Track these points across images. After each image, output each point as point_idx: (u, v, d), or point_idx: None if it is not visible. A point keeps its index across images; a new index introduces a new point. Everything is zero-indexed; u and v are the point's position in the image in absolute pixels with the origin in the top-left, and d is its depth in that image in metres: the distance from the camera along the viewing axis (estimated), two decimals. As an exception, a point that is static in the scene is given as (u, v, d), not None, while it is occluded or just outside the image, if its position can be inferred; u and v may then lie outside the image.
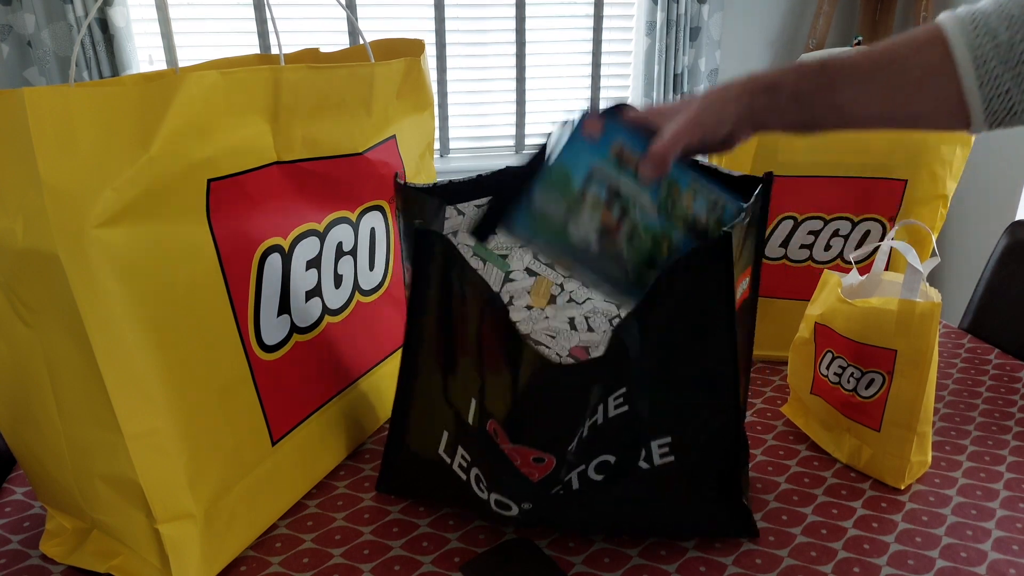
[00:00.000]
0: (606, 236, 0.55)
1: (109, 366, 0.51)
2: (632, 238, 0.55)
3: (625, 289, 0.56)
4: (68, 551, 0.60)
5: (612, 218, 0.55)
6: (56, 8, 2.01)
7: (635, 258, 0.55)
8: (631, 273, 0.55)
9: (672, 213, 0.56)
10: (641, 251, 0.55)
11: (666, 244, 0.55)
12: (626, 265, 0.55)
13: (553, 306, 0.74)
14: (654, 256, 0.55)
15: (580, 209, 0.55)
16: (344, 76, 0.66)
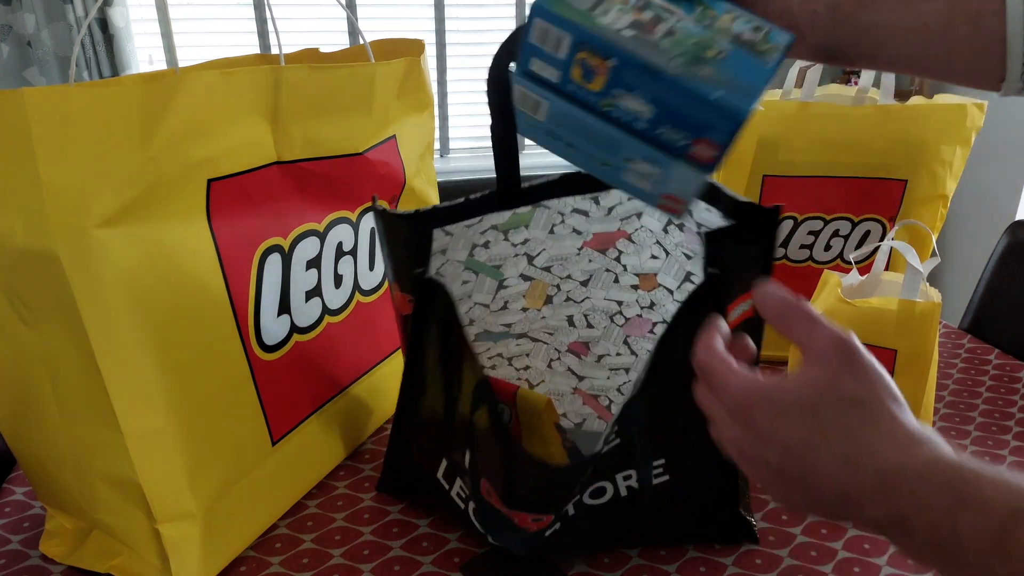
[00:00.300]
0: (640, 29, 0.46)
1: (109, 366, 0.51)
2: (670, 35, 0.47)
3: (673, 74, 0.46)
4: (68, 551, 0.60)
5: (645, 16, 0.47)
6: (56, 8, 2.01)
7: (678, 50, 0.47)
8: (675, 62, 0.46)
9: (712, 27, 0.49)
10: (684, 47, 0.47)
11: (712, 50, 0.47)
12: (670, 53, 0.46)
13: (550, 306, 0.73)
14: (699, 56, 0.47)
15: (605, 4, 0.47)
16: (344, 76, 0.66)
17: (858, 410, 0.36)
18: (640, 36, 0.46)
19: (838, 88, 0.97)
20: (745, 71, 0.46)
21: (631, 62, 0.45)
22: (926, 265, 0.75)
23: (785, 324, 0.39)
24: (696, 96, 0.45)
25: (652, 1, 0.48)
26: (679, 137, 0.46)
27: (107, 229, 0.49)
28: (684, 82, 0.45)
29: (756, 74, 0.46)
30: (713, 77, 0.45)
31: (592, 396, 0.74)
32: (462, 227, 0.65)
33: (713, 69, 0.46)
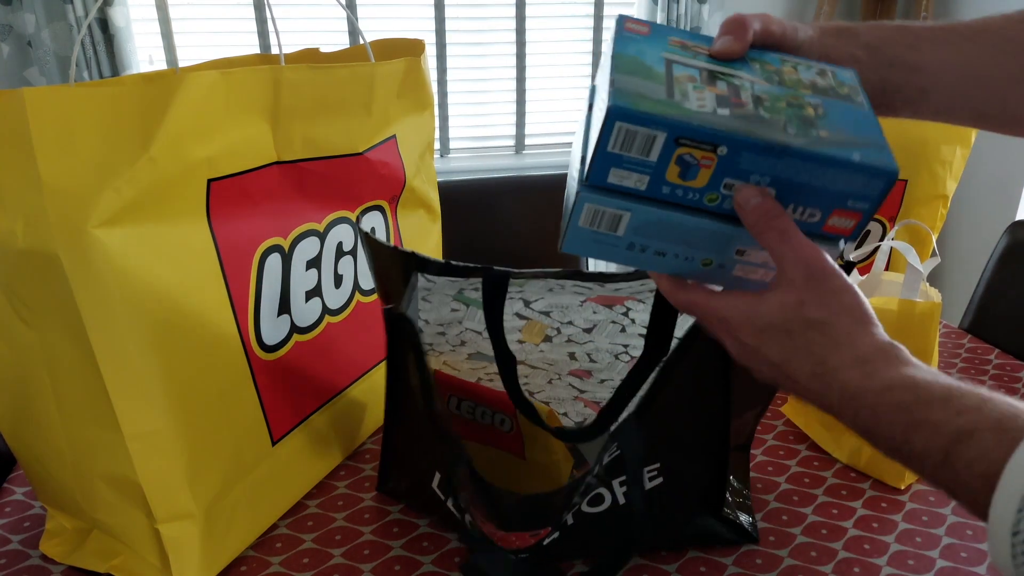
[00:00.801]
0: (728, 104, 0.40)
1: (109, 366, 0.51)
2: (760, 103, 0.41)
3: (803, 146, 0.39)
4: (68, 551, 0.60)
5: (722, 89, 0.41)
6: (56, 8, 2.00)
7: (781, 118, 0.40)
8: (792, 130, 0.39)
9: (782, 83, 0.43)
10: (781, 111, 0.40)
11: (808, 108, 0.41)
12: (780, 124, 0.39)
13: (548, 343, 0.68)
14: (805, 118, 0.40)
15: (678, 87, 0.40)
16: (344, 76, 0.66)
17: (821, 333, 0.38)
18: (737, 112, 0.39)
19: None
20: (853, 122, 0.41)
21: (747, 145, 0.38)
22: (926, 265, 0.75)
23: (760, 234, 0.40)
24: (833, 164, 0.38)
25: (715, 70, 0.43)
26: (811, 213, 0.40)
27: (107, 229, 0.49)
28: (814, 153, 0.38)
29: (866, 122, 0.41)
30: (836, 138, 0.39)
31: (594, 403, 0.74)
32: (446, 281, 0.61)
33: (826, 130, 0.40)
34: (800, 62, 0.45)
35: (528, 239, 1.33)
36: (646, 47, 0.43)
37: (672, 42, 0.45)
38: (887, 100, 0.48)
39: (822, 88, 0.43)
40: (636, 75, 0.40)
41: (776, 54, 0.46)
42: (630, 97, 0.38)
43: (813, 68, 0.45)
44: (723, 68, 0.43)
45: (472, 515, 0.57)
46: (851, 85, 0.44)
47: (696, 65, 0.43)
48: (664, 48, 0.44)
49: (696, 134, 0.38)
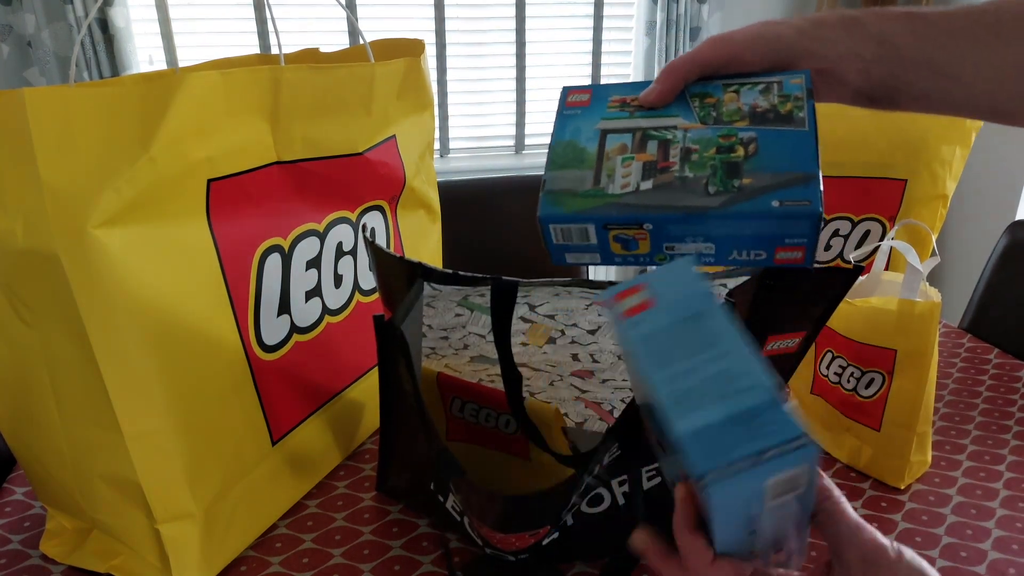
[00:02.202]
0: (654, 171, 0.42)
1: (109, 366, 0.51)
2: (688, 158, 0.42)
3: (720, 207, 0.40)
4: (68, 551, 0.60)
5: (651, 152, 0.43)
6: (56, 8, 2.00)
7: (704, 174, 0.41)
8: (714, 186, 0.41)
9: (720, 118, 0.44)
10: (708, 164, 0.42)
11: (739, 149, 0.42)
12: (701, 183, 0.41)
13: (552, 345, 0.69)
14: (731, 165, 0.41)
15: (606, 165, 0.43)
16: (344, 76, 0.66)
17: None
18: (660, 180, 0.41)
19: (838, 88, 0.97)
20: (785, 152, 0.41)
21: (665, 220, 0.40)
22: (926, 265, 0.75)
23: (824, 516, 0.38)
24: (752, 216, 0.39)
25: (648, 129, 0.44)
26: (756, 254, 0.41)
27: (107, 229, 0.49)
28: (732, 211, 0.39)
29: (800, 148, 0.41)
30: (758, 183, 0.40)
31: (595, 403, 0.74)
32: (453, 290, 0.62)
33: (752, 175, 0.40)
34: (746, 82, 0.45)
35: (528, 239, 1.33)
36: (583, 122, 0.46)
37: (612, 104, 0.47)
38: (890, 95, 0.44)
39: (761, 112, 0.43)
40: (567, 167, 0.43)
41: (721, 80, 0.46)
42: (558, 198, 0.42)
43: (759, 86, 0.45)
44: (659, 121, 0.45)
45: (469, 518, 0.58)
46: (796, 95, 0.43)
47: (630, 127, 0.45)
48: (602, 115, 0.46)
49: (618, 221, 0.41)
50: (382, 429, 0.67)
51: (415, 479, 0.64)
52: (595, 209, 0.41)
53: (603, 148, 0.44)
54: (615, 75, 2.63)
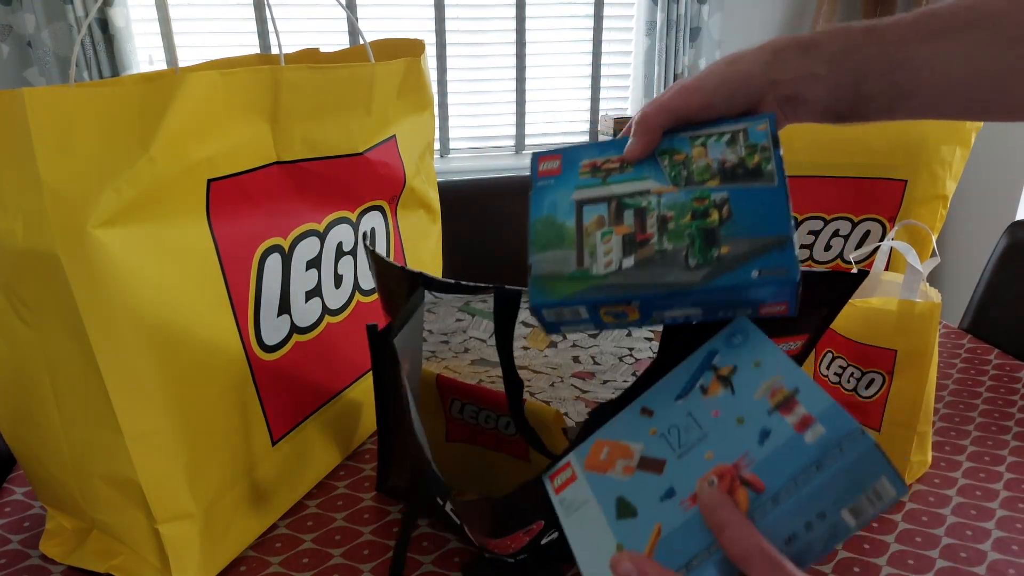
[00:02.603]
0: (634, 246, 0.43)
1: (109, 366, 0.51)
2: (664, 228, 0.43)
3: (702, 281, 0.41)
4: (68, 551, 0.60)
5: (628, 226, 0.44)
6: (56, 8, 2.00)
7: (684, 242, 0.42)
8: (694, 259, 0.42)
9: (691, 178, 0.44)
10: (685, 234, 0.42)
11: (713, 213, 0.43)
12: (681, 256, 0.42)
13: (553, 349, 0.69)
14: (707, 231, 0.42)
15: (587, 242, 0.44)
16: (344, 76, 0.66)
17: None
18: (642, 256, 0.43)
19: (838, 88, 0.97)
20: (759, 213, 0.42)
21: (651, 297, 0.42)
22: (926, 265, 0.75)
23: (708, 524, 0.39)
24: (734, 289, 0.41)
25: (622, 197, 0.45)
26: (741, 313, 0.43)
27: (107, 229, 0.49)
28: (713, 285, 0.41)
29: (773, 206, 0.42)
30: (736, 251, 0.41)
31: (596, 403, 0.74)
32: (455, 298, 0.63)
33: (730, 242, 0.41)
34: (712, 133, 0.46)
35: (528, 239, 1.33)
36: (558, 194, 0.46)
37: (583, 170, 0.47)
38: (856, 110, 0.45)
39: (730, 168, 0.44)
40: (550, 247, 0.45)
41: (688, 132, 0.46)
42: (546, 283, 0.44)
43: (725, 136, 0.45)
44: (632, 185, 0.45)
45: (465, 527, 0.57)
46: (762, 145, 0.44)
47: (605, 195, 0.45)
48: (575, 183, 0.46)
49: (605, 301, 0.43)
50: (379, 432, 0.67)
51: (413, 480, 0.64)
52: (583, 292, 0.43)
53: (581, 223, 0.45)
54: (615, 75, 2.63)
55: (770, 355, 0.42)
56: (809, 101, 0.45)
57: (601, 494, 0.44)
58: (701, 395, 0.43)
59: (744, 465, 0.40)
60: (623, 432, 0.46)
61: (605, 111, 2.66)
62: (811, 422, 0.38)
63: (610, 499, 0.43)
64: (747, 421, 0.41)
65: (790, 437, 0.39)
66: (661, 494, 0.41)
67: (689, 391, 0.44)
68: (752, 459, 0.39)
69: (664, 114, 0.45)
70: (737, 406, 0.42)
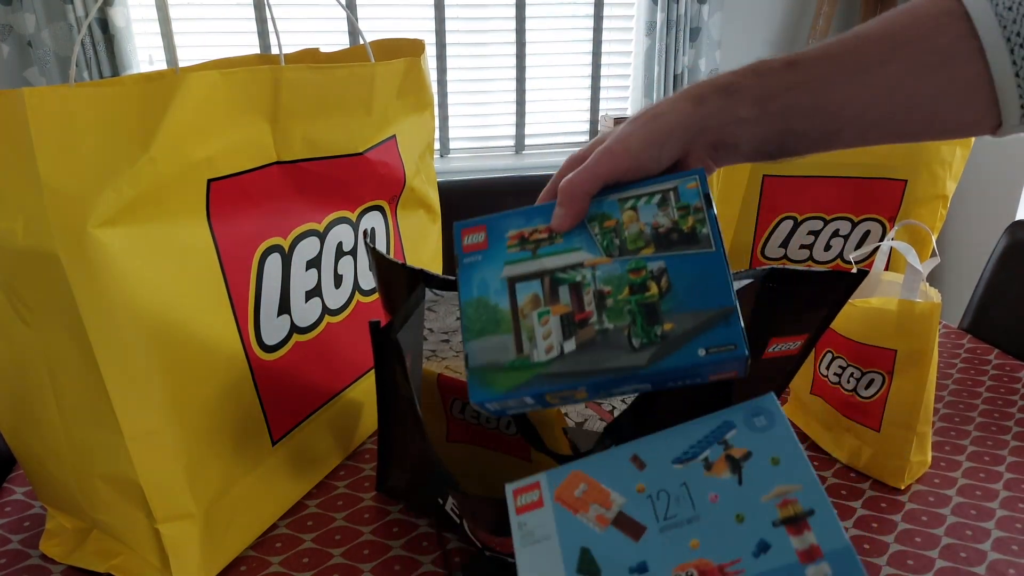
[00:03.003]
0: (573, 327, 0.41)
1: (109, 366, 0.51)
2: (603, 305, 0.41)
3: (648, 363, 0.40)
4: (68, 551, 0.60)
5: (565, 304, 0.42)
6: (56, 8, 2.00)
7: (625, 320, 0.41)
8: (637, 338, 0.40)
9: (624, 247, 0.43)
10: (625, 311, 0.41)
11: (652, 287, 0.41)
12: (623, 336, 0.40)
13: None
14: (648, 307, 0.41)
15: (523, 324, 0.42)
16: (344, 76, 0.66)
17: None
18: (583, 338, 0.41)
19: (838, 88, 0.97)
20: (699, 282, 0.40)
21: (595, 382, 0.40)
22: (926, 265, 0.75)
23: None
24: (682, 370, 0.39)
25: (555, 272, 0.43)
26: (692, 382, 0.42)
27: (107, 229, 0.49)
28: (660, 367, 0.39)
29: (712, 273, 0.40)
30: (681, 328, 0.40)
31: (595, 403, 0.74)
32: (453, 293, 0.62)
33: (672, 317, 0.40)
34: (641, 194, 0.44)
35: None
36: (487, 272, 0.44)
37: (511, 242, 0.45)
38: (784, 147, 0.44)
39: (664, 234, 0.42)
40: (485, 333, 0.42)
41: (615, 195, 0.44)
42: (486, 376, 0.41)
43: (655, 197, 0.43)
44: (563, 258, 0.43)
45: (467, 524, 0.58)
46: (695, 205, 0.43)
47: (537, 271, 0.43)
48: (503, 257, 0.44)
49: (548, 390, 0.40)
50: (380, 431, 0.67)
51: (414, 480, 0.65)
52: (526, 384, 0.41)
53: (515, 304, 0.43)
54: (615, 75, 2.63)
55: (792, 456, 0.38)
56: (738, 145, 0.44)
57: (566, 536, 0.40)
58: (703, 470, 0.39)
59: (731, 573, 0.36)
60: (606, 475, 0.41)
61: (605, 111, 2.66)
62: (818, 557, 0.35)
63: (574, 546, 0.39)
64: (747, 522, 0.37)
65: (791, 564, 0.35)
66: (632, 565, 0.37)
67: (690, 459, 0.40)
68: (741, 570, 0.35)
69: (591, 181, 0.43)
70: (740, 500, 0.38)
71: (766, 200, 0.91)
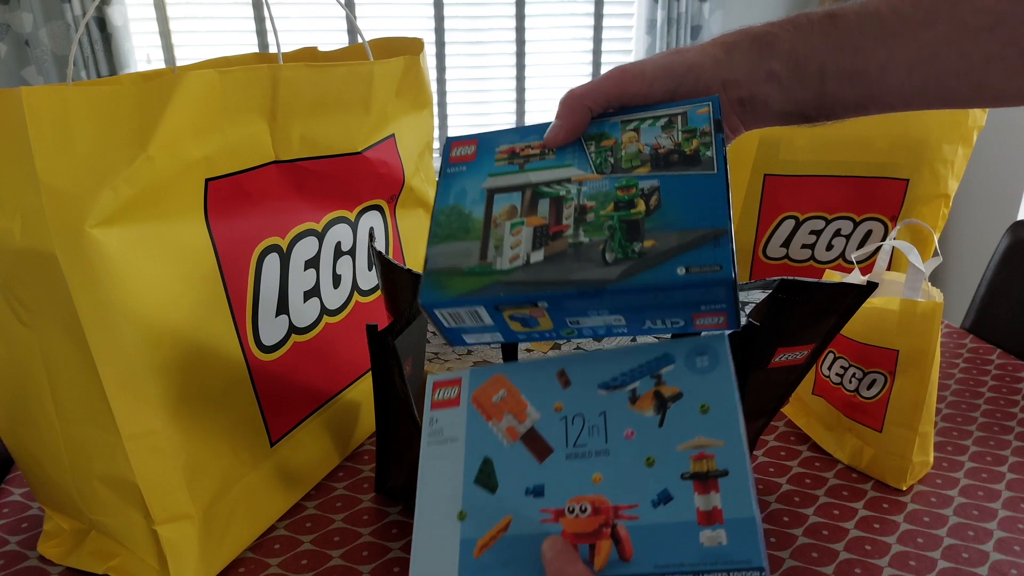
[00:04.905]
0: (545, 238, 0.38)
1: (107, 366, 0.50)
2: (582, 219, 0.38)
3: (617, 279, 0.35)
4: (66, 552, 0.60)
5: (542, 217, 0.38)
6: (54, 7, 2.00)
7: (603, 236, 0.37)
8: (612, 253, 0.36)
9: (618, 165, 0.39)
10: (605, 226, 0.37)
11: (637, 196, 0.38)
12: (598, 250, 0.36)
13: (556, 351, 0.69)
14: (630, 225, 0.37)
15: (493, 233, 0.39)
16: (343, 75, 0.66)
17: None
18: (553, 249, 0.37)
19: (839, 87, 0.96)
20: (692, 202, 0.36)
21: (558, 297, 0.36)
22: (928, 265, 0.75)
23: None
24: (654, 289, 0.35)
25: (539, 185, 0.40)
26: (672, 321, 0.37)
27: (105, 229, 0.49)
28: (629, 284, 0.35)
29: (707, 197, 0.36)
30: (662, 246, 0.35)
31: None
32: None
33: (655, 235, 0.36)
34: (646, 117, 0.41)
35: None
36: (468, 181, 0.41)
37: (499, 156, 0.42)
38: (821, 110, 0.41)
39: (664, 155, 0.39)
40: (451, 238, 0.39)
41: (620, 116, 0.41)
42: (440, 279, 0.38)
43: (661, 120, 0.40)
44: (551, 173, 0.40)
45: None
46: (702, 130, 0.39)
47: (520, 183, 0.40)
48: (489, 169, 0.41)
49: (507, 301, 0.36)
50: (378, 433, 0.67)
51: (411, 481, 0.64)
52: (482, 291, 0.37)
53: (490, 213, 0.39)
54: (615, 74, 2.62)
55: (725, 408, 0.35)
56: (768, 103, 0.41)
57: (472, 443, 0.38)
58: (627, 402, 0.37)
59: (625, 516, 0.34)
60: (528, 385, 0.39)
61: (605, 110, 2.65)
62: (717, 522, 0.32)
63: (478, 454, 0.37)
64: (656, 468, 0.35)
65: (686, 523, 0.33)
66: (529, 487, 0.36)
67: (617, 387, 0.37)
68: (636, 516, 0.34)
69: (594, 96, 0.40)
70: (656, 443, 0.35)
71: (767, 199, 0.91)
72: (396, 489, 0.69)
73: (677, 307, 0.35)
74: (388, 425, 0.64)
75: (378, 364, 0.59)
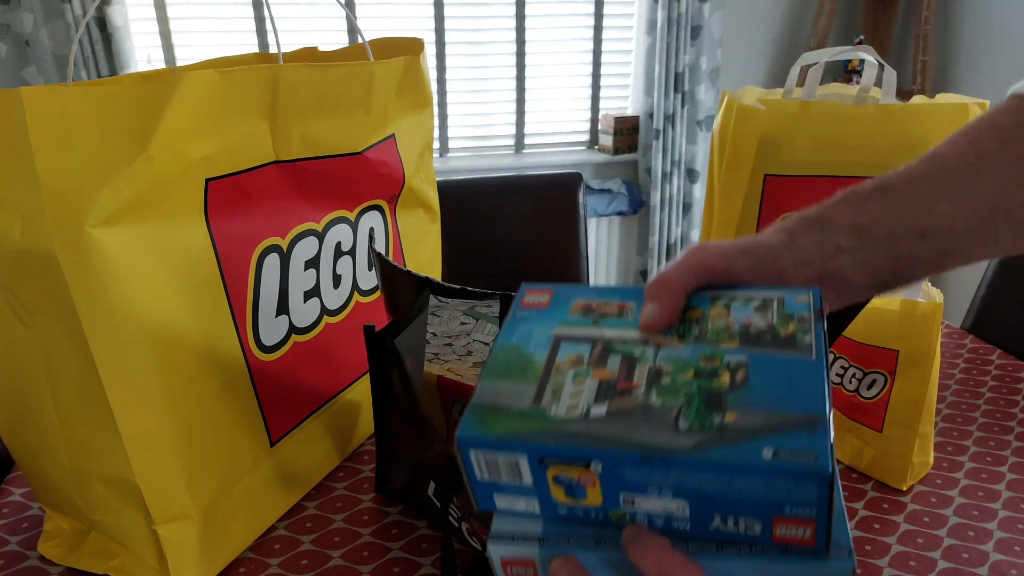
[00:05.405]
0: (612, 393, 0.33)
1: (107, 367, 0.50)
2: (657, 381, 0.33)
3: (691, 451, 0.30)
4: (66, 552, 0.60)
5: (611, 371, 0.34)
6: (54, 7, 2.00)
7: (678, 402, 0.32)
8: (687, 421, 0.31)
9: (702, 335, 0.36)
10: (682, 392, 0.32)
11: (722, 368, 0.33)
12: (670, 415, 0.31)
13: None
14: (711, 394, 0.32)
15: (553, 379, 0.34)
16: (343, 75, 0.66)
17: None
18: (618, 406, 0.32)
19: (840, 87, 0.96)
20: (783, 384, 0.32)
21: (617, 461, 0.30)
22: (928, 265, 0.75)
23: None
24: (735, 471, 0.29)
25: (612, 341, 0.36)
26: (747, 525, 0.31)
27: (105, 229, 0.49)
28: (707, 460, 0.29)
29: (804, 380, 0.32)
30: (746, 423, 0.30)
31: None
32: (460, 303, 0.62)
33: (739, 410, 0.31)
34: (737, 296, 0.38)
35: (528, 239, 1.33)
36: (537, 325, 0.38)
37: (574, 309, 0.39)
38: (904, 275, 0.40)
39: (755, 334, 0.35)
40: (506, 376, 0.35)
41: (709, 292, 0.39)
42: (484, 415, 0.33)
43: (754, 301, 0.37)
44: (626, 331, 0.37)
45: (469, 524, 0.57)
46: (801, 316, 0.36)
47: (591, 336, 0.37)
48: (561, 320, 0.38)
49: (555, 454, 0.31)
50: (377, 434, 0.67)
51: (411, 482, 0.64)
52: (529, 435, 0.31)
53: (553, 359, 0.35)
54: (616, 74, 2.62)
55: None
56: (845, 276, 0.40)
57: None
58: None
59: None
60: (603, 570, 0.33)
61: (605, 110, 2.65)
62: None
63: None
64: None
65: None
66: None
67: None
68: None
69: (688, 274, 0.38)
70: None
71: (768, 199, 0.91)
72: (396, 489, 0.69)
73: (756, 504, 0.30)
74: (387, 425, 0.64)
75: (376, 364, 0.59)
